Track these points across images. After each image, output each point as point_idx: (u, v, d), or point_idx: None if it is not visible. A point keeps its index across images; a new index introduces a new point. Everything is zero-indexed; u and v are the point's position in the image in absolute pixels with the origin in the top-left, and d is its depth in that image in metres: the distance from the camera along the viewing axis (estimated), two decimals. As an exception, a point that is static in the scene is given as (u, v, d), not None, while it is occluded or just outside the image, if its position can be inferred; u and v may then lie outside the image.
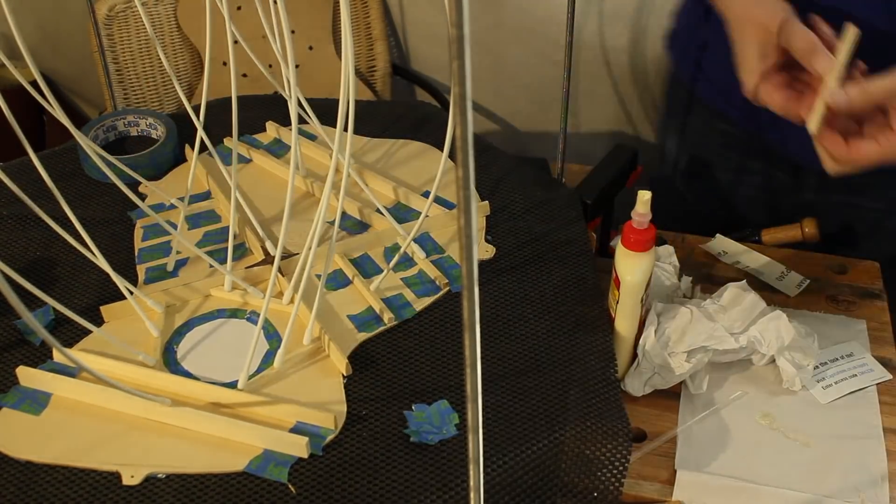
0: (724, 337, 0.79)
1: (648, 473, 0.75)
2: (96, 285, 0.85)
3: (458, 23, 0.31)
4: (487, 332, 0.80)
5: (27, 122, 1.69)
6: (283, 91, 0.93)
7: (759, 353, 0.82)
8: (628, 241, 0.75)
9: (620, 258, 0.76)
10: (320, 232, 0.77)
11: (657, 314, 0.80)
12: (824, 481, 0.73)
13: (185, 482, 0.68)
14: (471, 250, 0.36)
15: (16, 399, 0.74)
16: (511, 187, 0.97)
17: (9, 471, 0.68)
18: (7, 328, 0.81)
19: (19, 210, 0.94)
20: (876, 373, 0.82)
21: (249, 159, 1.03)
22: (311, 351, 0.78)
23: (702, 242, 0.99)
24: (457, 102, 0.33)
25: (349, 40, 0.68)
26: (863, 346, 0.86)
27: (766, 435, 0.77)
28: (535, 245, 0.90)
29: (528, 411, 0.73)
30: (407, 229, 0.89)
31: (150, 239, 0.91)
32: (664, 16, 1.58)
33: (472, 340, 0.39)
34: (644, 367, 0.79)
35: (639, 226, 0.74)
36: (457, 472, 0.68)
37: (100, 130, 1.04)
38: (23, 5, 1.90)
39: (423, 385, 0.75)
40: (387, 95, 1.85)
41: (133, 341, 0.79)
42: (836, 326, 0.88)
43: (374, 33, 1.80)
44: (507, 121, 1.88)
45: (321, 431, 0.71)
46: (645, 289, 0.77)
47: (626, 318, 0.78)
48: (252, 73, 1.68)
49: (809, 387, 0.81)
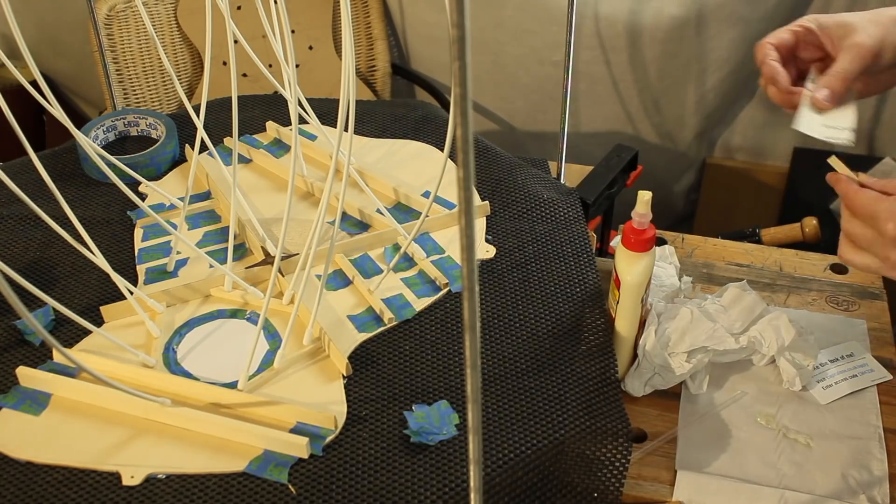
0: (724, 337, 0.79)
1: (648, 473, 0.75)
2: (96, 285, 0.85)
3: (459, 23, 0.31)
4: (488, 333, 0.80)
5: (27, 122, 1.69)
6: (283, 91, 0.93)
7: (760, 354, 0.82)
8: (628, 241, 0.75)
9: (620, 258, 0.76)
10: (320, 232, 0.77)
11: (657, 314, 0.80)
12: (824, 481, 0.73)
13: (185, 482, 0.68)
14: (471, 250, 0.36)
15: (16, 399, 0.74)
16: (511, 187, 0.97)
17: (9, 471, 0.68)
18: (7, 328, 0.81)
19: (19, 210, 0.94)
20: (876, 373, 0.82)
21: (249, 159, 1.03)
22: (311, 351, 0.78)
23: (702, 243, 0.99)
24: (457, 102, 0.33)
25: (349, 40, 0.68)
26: (863, 346, 0.86)
27: (767, 435, 0.77)
28: (536, 245, 0.90)
29: (529, 411, 0.73)
30: (407, 229, 0.89)
31: (150, 239, 0.91)
32: (663, 16, 1.58)
33: (473, 341, 0.39)
34: (644, 368, 0.79)
35: (639, 226, 0.74)
36: (457, 472, 0.68)
37: (100, 130, 1.04)
38: (23, 5, 1.90)
39: (423, 385, 0.75)
40: (387, 95, 1.85)
41: (133, 341, 0.79)
42: (836, 326, 0.88)
43: (374, 33, 1.80)
44: (507, 121, 1.88)
45: (321, 432, 0.71)
46: (645, 289, 0.77)
47: (626, 318, 0.78)
48: (252, 72, 1.68)
49: (809, 387, 0.81)
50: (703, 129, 1.80)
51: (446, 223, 0.92)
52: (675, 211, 1.96)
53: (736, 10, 1.58)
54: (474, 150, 0.33)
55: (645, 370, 0.79)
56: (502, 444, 0.70)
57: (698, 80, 1.70)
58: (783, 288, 0.93)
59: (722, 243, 0.99)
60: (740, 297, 0.81)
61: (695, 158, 1.86)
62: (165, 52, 1.66)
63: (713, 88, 1.71)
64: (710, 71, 1.68)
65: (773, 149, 1.86)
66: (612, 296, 0.80)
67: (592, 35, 1.66)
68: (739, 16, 1.59)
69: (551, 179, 1.00)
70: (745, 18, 1.60)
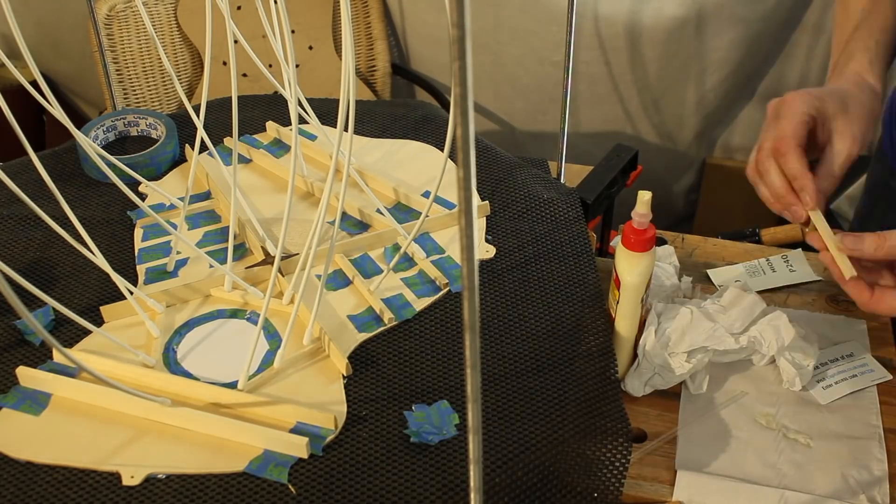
0: (724, 337, 0.79)
1: (648, 473, 0.75)
2: (96, 285, 0.85)
3: (459, 23, 0.31)
4: (488, 333, 0.80)
5: (27, 122, 1.69)
6: (283, 91, 0.93)
7: (760, 354, 0.82)
8: (628, 241, 0.75)
9: (620, 258, 0.76)
10: (320, 232, 0.77)
11: (657, 314, 0.80)
12: (824, 481, 0.73)
13: (184, 482, 0.68)
14: (471, 250, 0.36)
15: (16, 399, 0.74)
16: (511, 187, 0.97)
17: (9, 471, 0.68)
18: (7, 328, 0.81)
19: (19, 210, 0.94)
20: (876, 373, 0.82)
21: (249, 159, 1.03)
22: (311, 351, 0.78)
23: (702, 243, 0.99)
24: (457, 103, 0.33)
25: (349, 40, 0.68)
26: (863, 347, 0.86)
27: (767, 435, 0.77)
28: (536, 245, 0.90)
29: (529, 411, 0.73)
30: (407, 229, 0.89)
31: (150, 239, 0.91)
32: (663, 16, 1.58)
33: (473, 341, 0.39)
34: (644, 368, 0.79)
35: (639, 226, 0.74)
36: (457, 472, 0.68)
37: (100, 130, 1.04)
38: (22, 5, 1.90)
39: (423, 385, 0.75)
40: (387, 95, 1.85)
41: (133, 341, 0.79)
42: (836, 326, 0.88)
43: (374, 33, 1.80)
44: (507, 121, 1.88)
45: (321, 432, 0.71)
46: (645, 289, 0.77)
47: (626, 318, 0.78)
48: (252, 72, 1.68)
49: (809, 387, 0.81)
50: (703, 129, 1.80)
51: (446, 223, 0.92)
52: (674, 211, 1.96)
53: (736, 10, 1.58)
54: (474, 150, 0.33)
55: (645, 370, 0.79)
56: (502, 444, 0.70)
57: (698, 80, 1.70)
58: (783, 288, 0.93)
59: (722, 243, 0.99)
60: (740, 297, 0.81)
61: (695, 158, 1.86)
62: (165, 52, 1.66)
63: (713, 88, 1.71)
64: (710, 71, 1.68)
65: (773, 149, 1.85)
66: (612, 296, 0.80)
67: (592, 35, 1.66)
68: (739, 16, 1.60)
69: (551, 179, 1.00)
70: (745, 19, 1.60)
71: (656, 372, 0.79)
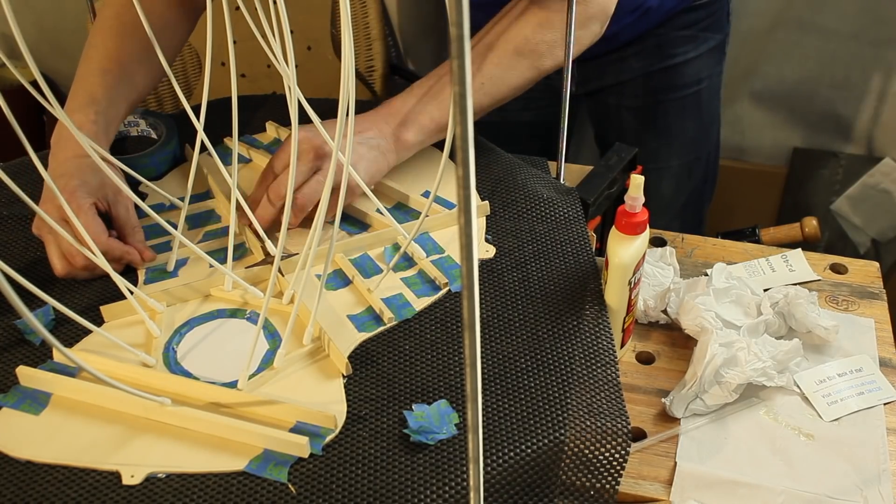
0: (773, 375, 0.79)
1: (648, 473, 0.75)
2: (96, 285, 0.85)
3: (459, 22, 0.31)
4: (487, 332, 0.80)
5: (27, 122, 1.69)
6: (283, 90, 0.93)
7: None
8: (620, 223, 0.77)
9: (612, 240, 0.78)
10: (320, 232, 0.77)
11: (719, 344, 0.79)
12: (825, 480, 0.73)
13: (185, 482, 0.68)
14: (471, 250, 0.36)
15: (16, 399, 0.74)
16: (511, 187, 0.97)
17: (9, 471, 0.68)
18: (7, 328, 0.81)
19: (19, 210, 0.94)
20: (883, 392, 0.80)
21: (249, 159, 1.03)
22: (311, 351, 0.78)
23: (702, 242, 0.99)
24: (457, 102, 0.33)
25: (349, 40, 0.68)
26: (873, 360, 0.83)
27: (767, 433, 0.77)
28: (535, 245, 0.90)
29: (528, 411, 0.73)
30: (407, 229, 0.89)
31: (150, 239, 0.91)
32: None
33: (472, 340, 0.39)
34: (691, 392, 0.78)
35: (630, 209, 0.76)
36: (457, 471, 0.68)
37: (100, 130, 1.03)
38: (23, 5, 1.90)
39: (423, 385, 0.75)
40: (385, 95, 1.85)
41: (133, 341, 0.79)
42: (844, 325, 0.86)
43: (373, 33, 1.80)
44: (507, 121, 1.88)
45: (321, 431, 0.71)
46: (633, 271, 0.78)
47: (613, 298, 0.81)
48: (251, 73, 1.68)
49: (814, 401, 0.80)
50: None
51: (446, 223, 0.92)
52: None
53: (733, 7, 1.58)
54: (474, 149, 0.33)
55: (690, 395, 0.79)
56: (502, 444, 0.70)
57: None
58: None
59: (722, 243, 0.99)
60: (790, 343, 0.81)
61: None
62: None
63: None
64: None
65: (773, 149, 1.86)
66: (602, 276, 0.82)
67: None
68: (736, 13, 1.60)
69: (551, 179, 1.00)
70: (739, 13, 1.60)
71: (698, 396, 0.79)
